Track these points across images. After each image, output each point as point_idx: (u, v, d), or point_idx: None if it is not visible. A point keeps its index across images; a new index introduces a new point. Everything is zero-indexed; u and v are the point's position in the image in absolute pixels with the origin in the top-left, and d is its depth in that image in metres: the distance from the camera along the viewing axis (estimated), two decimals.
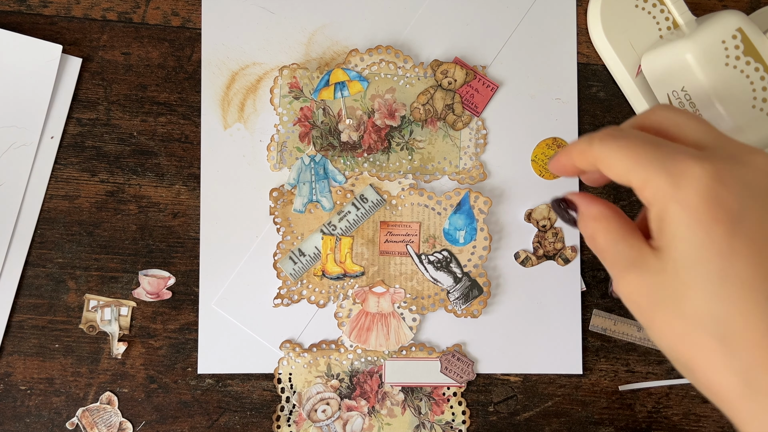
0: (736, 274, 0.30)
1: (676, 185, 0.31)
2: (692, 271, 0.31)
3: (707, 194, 0.30)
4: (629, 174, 0.32)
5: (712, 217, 0.30)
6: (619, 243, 0.34)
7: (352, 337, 0.43)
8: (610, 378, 0.45)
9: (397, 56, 0.44)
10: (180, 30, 0.44)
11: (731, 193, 0.30)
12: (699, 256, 0.30)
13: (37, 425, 0.42)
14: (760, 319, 0.29)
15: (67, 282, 0.43)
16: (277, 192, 0.43)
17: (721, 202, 0.30)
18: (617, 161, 0.33)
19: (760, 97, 0.40)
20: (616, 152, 0.33)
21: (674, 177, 0.31)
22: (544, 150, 0.45)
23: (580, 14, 0.46)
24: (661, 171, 0.31)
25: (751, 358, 0.30)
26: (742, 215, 0.30)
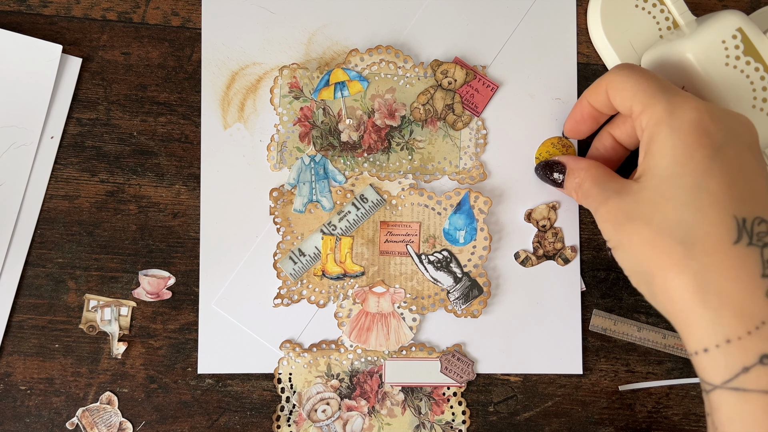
0: (708, 189, 0.33)
1: (671, 112, 0.34)
2: (670, 183, 0.34)
3: (698, 123, 0.34)
4: (634, 98, 0.36)
5: (697, 141, 0.33)
6: (604, 183, 0.38)
7: (352, 337, 0.43)
8: (610, 378, 0.45)
9: (397, 56, 0.44)
10: (180, 30, 0.44)
11: (718, 128, 0.34)
12: (678, 171, 0.34)
13: (37, 425, 0.42)
14: (721, 228, 0.32)
15: (67, 282, 0.43)
16: (277, 192, 0.43)
17: (707, 131, 0.34)
18: (627, 85, 0.37)
19: (760, 97, 0.40)
20: (628, 77, 0.37)
21: (672, 105, 0.34)
22: (549, 148, 0.45)
23: (580, 14, 0.46)
24: (662, 99, 0.35)
25: (707, 261, 0.32)
26: (722, 146, 0.33)
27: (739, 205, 0.32)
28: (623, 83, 0.37)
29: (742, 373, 0.31)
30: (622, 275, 0.46)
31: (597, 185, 0.38)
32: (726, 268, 0.32)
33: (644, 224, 0.34)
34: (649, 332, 0.45)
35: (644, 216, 0.34)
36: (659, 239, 0.33)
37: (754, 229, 0.32)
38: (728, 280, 0.31)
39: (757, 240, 0.32)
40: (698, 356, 0.32)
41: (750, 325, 0.31)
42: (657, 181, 0.34)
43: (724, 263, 0.32)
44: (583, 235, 0.46)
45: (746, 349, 0.31)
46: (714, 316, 0.31)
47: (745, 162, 0.34)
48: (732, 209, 0.32)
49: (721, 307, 0.31)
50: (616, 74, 0.38)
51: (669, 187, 0.34)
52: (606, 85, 0.38)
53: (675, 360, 0.46)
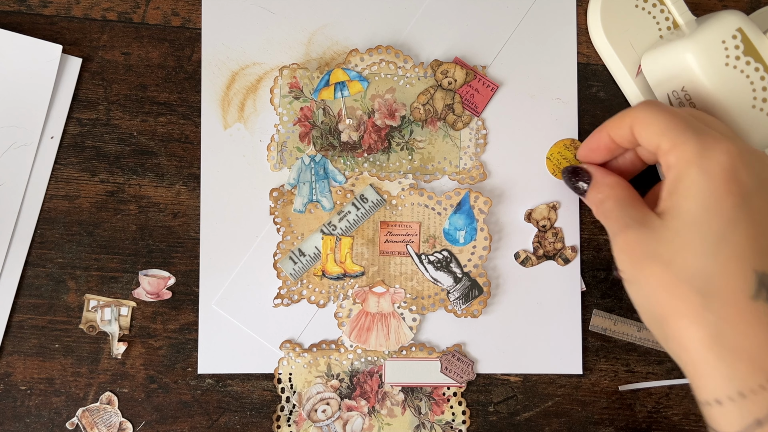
0: (733, 240, 0.32)
1: (702, 154, 0.33)
2: (694, 229, 0.33)
3: (729, 168, 0.33)
4: (662, 136, 0.35)
5: (727, 188, 0.33)
6: (627, 207, 0.37)
7: (352, 337, 0.43)
8: (610, 378, 0.45)
9: (397, 56, 0.44)
10: (180, 30, 0.44)
11: (748, 175, 0.33)
12: (704, 218, 0.33)
13: (37, 425, 0.42)
14: (741, 282, 0.32)
15: (67, 282, 0.43)
16: (277, 192, 0.43)
17: (738, 178, 0.33)
18: (655, 121, 0.36)
19: (760, 97, 0.40)
20: (656, 114, 0.36)
21: (703, 146, 0.33)
22: (560, 150, 0.45)
23: (580, 14, 0.46)
24: (692, 138, 0.34)
25: (725, 314, 0.32)
26: (751, 195, 0.33)
27: (760, 258, 0.32)
28: (651, 119, 0.36)
29: (754, 425, 0.31)
30: None
31: (619, 207, 0.37)
32: (743, 322, 0.31)
33: (663, 267, 0.33)
34: (649, 332, 0.45)
35: (664, 258, 0.34)
36: (677, 286, 0.33)
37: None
38: (744, 335, 0.31)
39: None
40: (710, 406, 0.32)
41: (763, 378, 0.31)
42: (681, 224, 0.34)
43: (741, 317, 0.32)
44: (583, 235, 0.46)
45: (759, 403, 0.31)
46: (728, 369, 0.31)
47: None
48: (753, 263, 0.32)
49: (735, 361, 0.31)
50: (643, 110, 0.36)
51: (693, 233, 0.33)
52: (631, 120, 0.37)
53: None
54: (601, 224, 0.46)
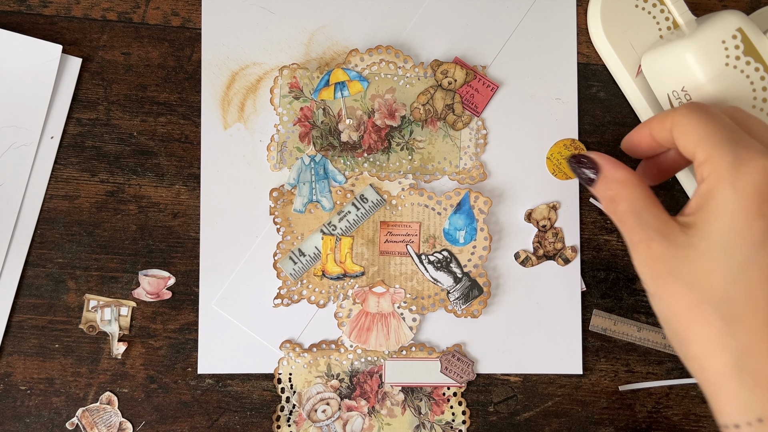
0: (761, 265, 0.31)
1: (737, 170, 0.32)
2: (722, 251, 0.32)
3: (762, 188, 0.32)
4: (698, 145, 0.34)
5: (758, 210, 0.32)
6: (643, 212, 0.35)
7: (352, 337, 0.43)
8: (610, 378, 0.45)
9: (397, 56, 0.44)
10: (180, 30, 0.44)
11: None
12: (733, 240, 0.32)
13: (37, 425, 0.42)
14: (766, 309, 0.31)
15: (67, 282, 0.43)
16: (277, 192, 0.43)
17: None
18: (693, 129, 0.34)
19: (760, 97, 0.40)
20: (696, 121, 0.34)
21: (738, 161, 0.32)
22: (560, 150, 0.45)
23: (580, 14, 0.46)
24: (728, 151, 0.33)
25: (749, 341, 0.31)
26: None
27: None
28: (689, 126, 0.35)
29: None
30: (622, 275, 0.46)
31: (635, 214, 0.36)
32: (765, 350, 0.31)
33: (688, 288, 0.33)
34: (649, 332, 0.45)
35: (689, 279, 0.33)
36: (702, 309, 0.32)
37: None
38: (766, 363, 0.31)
39: None
40: (728, 430, 0.32)
41: None
42: (709, 244, 0.33)
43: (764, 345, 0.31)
44: (583, 235, 0.46)
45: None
46: (748, 395, 0.31)
47: None
48: None
49: (756, 387, 0.31)
50: (683, 115, 0.35)
51: (721, 256, 0.32)
52: (671, 123, 0.36)
53: (675, 360, 0.46)
54: (600, 224, 0.46)
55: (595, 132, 0.46)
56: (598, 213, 0.46)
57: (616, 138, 0.46)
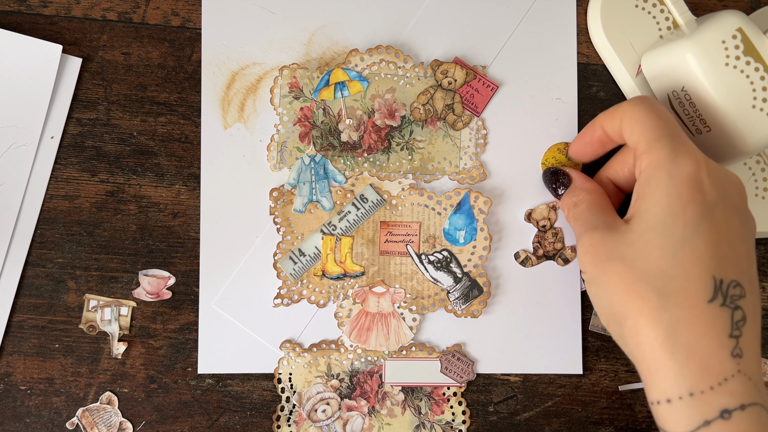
0: (694, 246, 0.34)
1: (673, 160, 0.35)
2: (658, 231, 0.34)
3: (695, 177, 0.35)
4: (641, 135, 0.37)
5: (691, 196, 0.34)
6: (597, 211, 0.38)
7: (352, 337, 0.43)
8: (610, 378, 0.45)
9: (397, 56, 0.44)
10: (180, 30, 0.44)
11: (712, 186, 0.35)
12: (669, 222, 0.34)
13: (37, 425, 0.42)
14: (699, 286, 0.33)
15: (67, 282, 0.43)
16: (277, 192, 0.43)
17: (702, 188, 0.35)
18: (639, 120, 0.37)
19: (760, 97, 0.40)
20: (642, 113, 0.37)
21: (675, 153, 0.35)
22: (555, 154, 0.45)
23: (580, 14, 0.46)
24: (667, 144, 0.35)
25: (681, 314, 0.33)
26: (713, 206, 0.34)
27: (719, 266, 0.34)
28: (637, 117, 0.37)
29: (702, 426, 0.32)
30: None
31: (590, 211, 0.39)
32: (697, 324, 0.33)
33: (625, 267, 0.35)
34: None
35: (626, 258, 0.35)
36: (637, 284, 0.34)
37: (729, 291, 0.33)
38: (698, 336, 0.33)
39: (730, 302, 0.33)
40: (660, 405, 0.33)
41: (713, 380, 0.32)
42: (646, 227, 0.35)
43: (696, 319, 0.33)
44: None
45: (708, 404, 0.32)
46: (680, 369, 0.33)
47: (732, 225, 0.35)
48: (712, 269, 0.33)
49: (687, 361, 0.32)
50: (633, 106, 0.38)
51: (656, 236, 0.34)
52: (621, 114, 0.38)
53: None
54: None
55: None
56: None
57: None
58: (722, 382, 0.32)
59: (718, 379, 0.32)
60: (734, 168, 0.46)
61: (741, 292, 0.34)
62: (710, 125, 0.41)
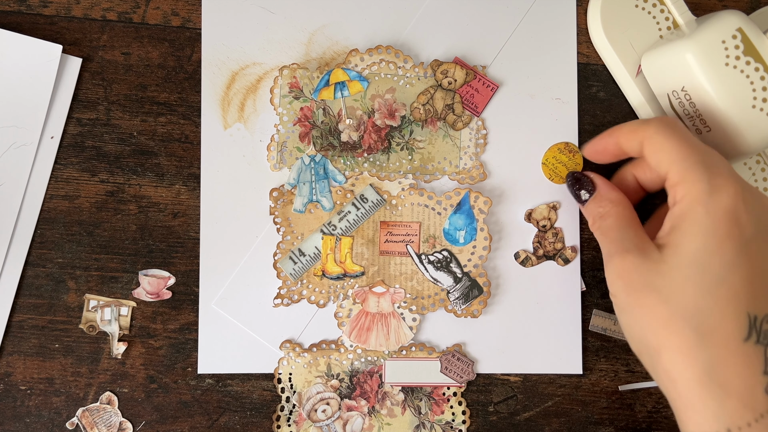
0: (731, 284, 0.33)
1: (710, 194, 0.34)
2: (694, 268, 0.34)
3: (733, 212, 0.34)
4: (672, 165, 0.35)
5: (729, 232, 0.34)
6: (627, 229, 0.37)
7: (352, 337, 0.43)
8: (610, 378, 0.45)
9: (397, 56, 0.44)
10: (180, 30, 0.44)
11: (749, 219, 0.34)
12: (706, 259, 0.34)
13: (37, 425, 0.42)
14: (735, 324, 0.33)
15: (67, 282, 0.43)
16: (277, 192, 0.43)
17: (740, 222, 0.34)
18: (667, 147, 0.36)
19: (760, 97, 0.40)
20: (669, 139, 0.36)
21: (712, 186, 0.34)
22: (555, 154, 0.45)
23: (580, 14, 0.46)
24: (703, 176, 0.34)
25: (717, 353, 0.33)
26: (750, 240, 0.34)
27: (754, 302, 0.33)
28: (662, 144, 0.36)
29: None
30: None
31: (619, 228, 0.37)
32: (734, 363, 0.33)
33: (661, 301, 0.34)
34: None
35: (662, 291, 0.34)
36: (674, 321, 0.34)
37: (762, 327, 0.33)
38: (734, 375, 0.33)
39: (764, 338, 0.33)
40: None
41: (751, 417, 0.32)
42: (682, 261, 0.34)
43: (732, 358, 0.33)
44: (583, 236, 0.46)
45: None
46: (718, 407, 0.33)
47: (766, 257, 0.34)
48: (747, 306, 0.33)
49: (725, 398, 0.33)
50: (656, 131, 0.37)
51: (693, 273, 0.34)
52: (643, 137, 0.37)
53: None
54: None
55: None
56: None
57: None
58: (758, 418, 0.32)
59: (755, 415, 0.32)
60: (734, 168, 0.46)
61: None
62: (710, 125, 0.41)
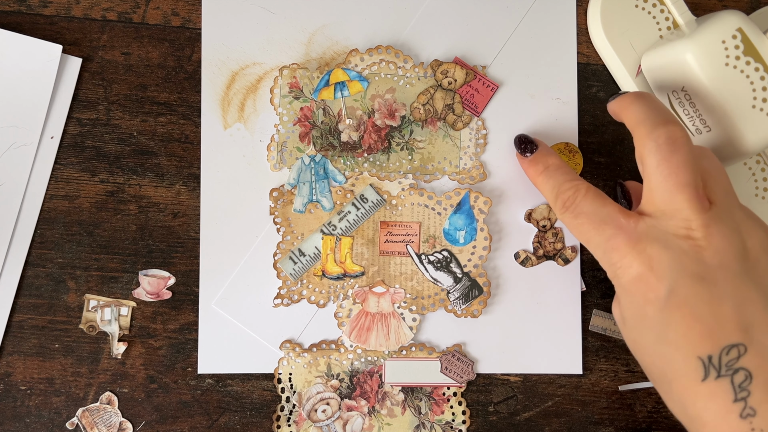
0: (668, 339, 0.34)
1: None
2: (636, 333, 0.36)
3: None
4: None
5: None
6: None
7: (352, 337, 0.43)
8: (610, 378, 0.45)
9: (397, 56, 0.44)
10: (180, 30, 0.44)
11: (660, 281, 0.34)
12: (638, 325, 0.35)
13: (37, 425, 0.42)
14: (689, 370, 0.33)
15: (67, 282, 0.43)
16: (277, 192, 0.43)
17: (651, 287, 0.34)
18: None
19: (760, 97, 0.40)
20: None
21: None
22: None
23: (580, 14, 0.46)
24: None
25: (684, 396, 0.34)
26: (669, 294, 0.34)
27: (700, 344, 0.33)
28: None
29: None
30: None
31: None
32: (701, 400, 0.33)
33: (630, 352, 0.38)
34: None
35: (631, 351, 0.38)
36: (647, 371, 0.36)
37: (722, 361, 0.33)
38: (705, 410, 0.33)
39: (726, 369, 0.33)
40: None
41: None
42: (628, 329, 0.36)
43: (698, 397, 0.33)
44: None
45: None
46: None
47: (697, 297, 0.34)
48: (694, 351, 0.33)
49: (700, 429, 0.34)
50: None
51: (638, 336, 0.36)
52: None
53: None
54: None
55: (595, 132, 0.46)
56: None
57: (616, 138, 0.46)
58: None
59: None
60: (734, 168, 0.46)
61: (738, 352, 0.33)
62: (710, 125, 0.41)
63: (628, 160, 0.46)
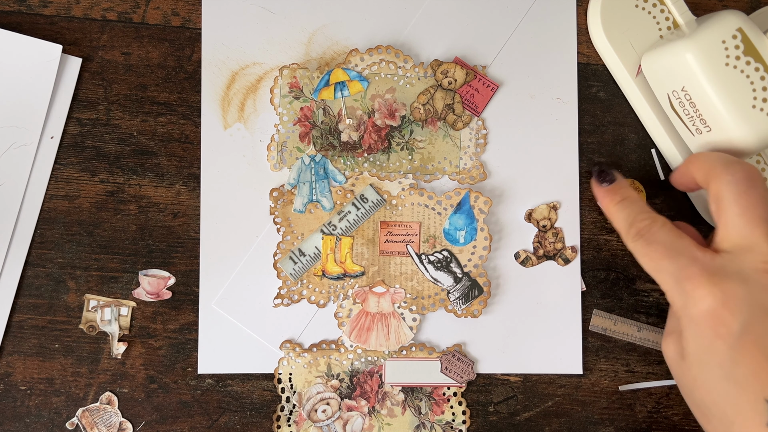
0: (737, 378, 0.33)
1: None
2: (700, 369, 0.35)
3: (711, 315, 0.34)
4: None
5: (715, 333, 0.34)
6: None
7: (352, 337, 0.43)
8: (610, 378, 0.45)
9: (397, 56, 0.44)
10: (180, 30, 0.44)
11: (733, 316, 0.34)
12: (706, 360, 0.35)
13: (37, 425, 0.42)
14: (754, 413, 0.33)
15: (67, 282, 0.43)
16: (277, 192, 0.43)
17: (723, 322, 0.34)
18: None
19: (760, 97, 0.40)
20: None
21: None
22: None
23: (580, 14, 0.46)
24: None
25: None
26: (743, 332, 0.33)
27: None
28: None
29: None
30: (622, 275, 0.46)
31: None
32: None
33: (685, 395, 0.37)
34: (649, 332, 0.45)
35: (685, 389, 0.37)
36: (700, 413, 0.36)
37: None
38: None
39: None
40: None
41: None
42: (689, 364, 0.36)
43: None
44: (583, 236, 0.46)
45: None
46: None
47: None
48: (763, 393, 0.33)
49: None
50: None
51: (700, 373, 0.35)
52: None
53: None
54: (600, 224, 0.46)
55: (595, 132, 0.46)
56: (598, 213, 0.46)
57: (616, 138, 0.46)
58: None
59: None
60: None
61: None
62: (710, 125, 0.41)
63: (628, 160, 0.46)
